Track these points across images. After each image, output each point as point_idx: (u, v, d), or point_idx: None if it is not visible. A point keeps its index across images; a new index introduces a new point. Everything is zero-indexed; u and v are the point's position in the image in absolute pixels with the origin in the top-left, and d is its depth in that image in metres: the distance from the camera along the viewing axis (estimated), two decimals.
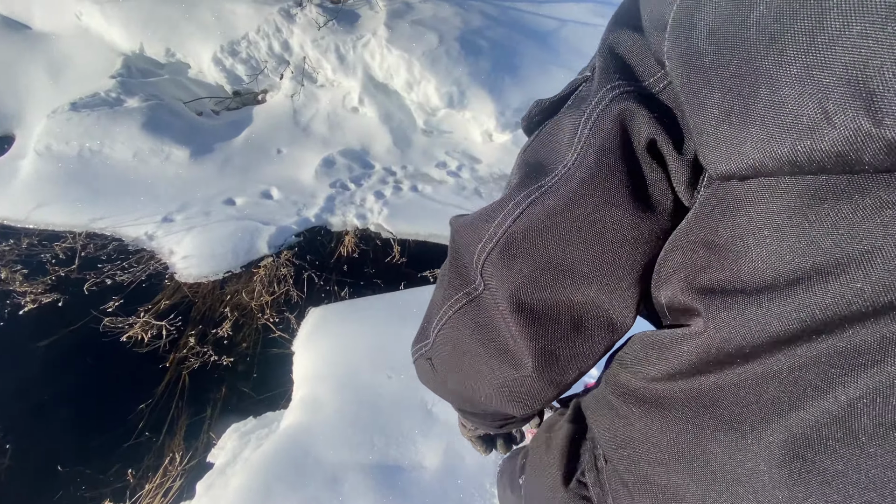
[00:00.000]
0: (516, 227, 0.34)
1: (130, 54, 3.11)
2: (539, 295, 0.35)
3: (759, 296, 0.25)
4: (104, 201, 2.54)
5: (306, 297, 2.26)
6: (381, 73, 3.13)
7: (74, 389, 1.91)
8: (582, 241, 0.32)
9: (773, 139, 0.21)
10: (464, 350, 0.42)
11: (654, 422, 0.35)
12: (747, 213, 0.25)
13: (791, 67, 0.20)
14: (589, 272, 0.33)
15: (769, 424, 0.26)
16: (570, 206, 0.31)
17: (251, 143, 3.00)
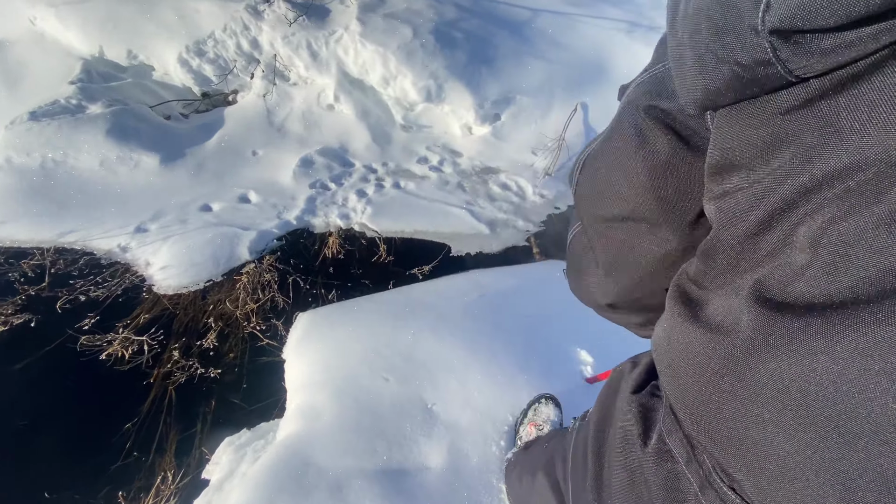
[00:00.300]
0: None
1: (90, 58, 2.96)
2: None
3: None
4: (72, 214, 2.42)
5: (293, 303, 2.20)
6: (356, 69, 3.07)
7: (55, 413, 1.82)
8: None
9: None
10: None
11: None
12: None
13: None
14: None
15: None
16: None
17: (224, 145, 2.90)
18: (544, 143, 3.09)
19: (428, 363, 1.65)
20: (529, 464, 1.05)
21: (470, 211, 2.68)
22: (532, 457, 1.07)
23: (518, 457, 1.20)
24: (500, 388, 1.56)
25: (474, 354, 1.67)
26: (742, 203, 0.34)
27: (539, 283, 2.27)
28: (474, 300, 2.01)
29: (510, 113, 3.18)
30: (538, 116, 3.21)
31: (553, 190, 2.88)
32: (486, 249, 2.55)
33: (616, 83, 3.50)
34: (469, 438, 1.41)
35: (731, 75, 0.30)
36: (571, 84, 3.34)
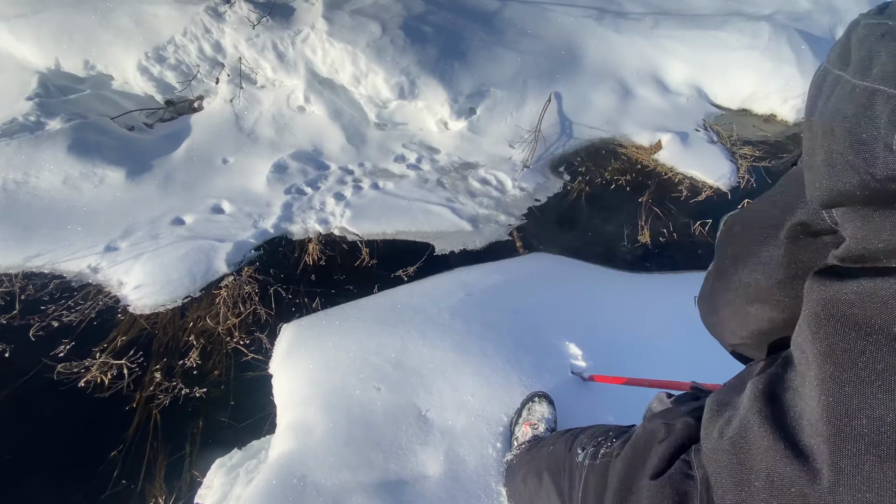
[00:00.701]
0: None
1: (46, 71, 2.82)
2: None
3: None
4: (38, 236, 2.31)
5: (276, 314, 2.16)
6: (325, 69, 2.99)
7: (36, 446, 1.75)
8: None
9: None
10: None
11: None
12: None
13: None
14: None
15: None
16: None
17: (193, 155, 2.81)
18: (521, 135, 3.08)
19: (419, 368, 1.64)
20: (535, 466, 1.05)
21: (451, 208, 2.66)
22: (536, 459, 1.07)
23: (520, 459, 1.20)
24: (493, 388, 1.55)
25: (465, 356, 1.67)
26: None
27: (524, 277, 2.27)
28: (461, 300, 2.00)
29: (485, 106, 3.15)
30: (513, 108, 3.19)
31: (532, 182, 2.88)
32: (469, 246, 2.54)
33: (588, 71, 3.51)
34: (465, 443, 1.41)
35: (859, 183, 0.31)
36: (543, 74, 3.33)
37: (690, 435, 0.57)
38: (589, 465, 0.76)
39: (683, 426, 0.59)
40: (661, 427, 0.62)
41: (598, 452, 0.76)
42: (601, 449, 0.76)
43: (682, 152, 3.10)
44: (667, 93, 3.53)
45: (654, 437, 0.61)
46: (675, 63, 3.63)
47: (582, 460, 0.80)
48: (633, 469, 0.61)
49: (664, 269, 2.51)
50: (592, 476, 0.73)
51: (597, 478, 0.71)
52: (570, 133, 3.19)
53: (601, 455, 0.74)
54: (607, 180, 2.97)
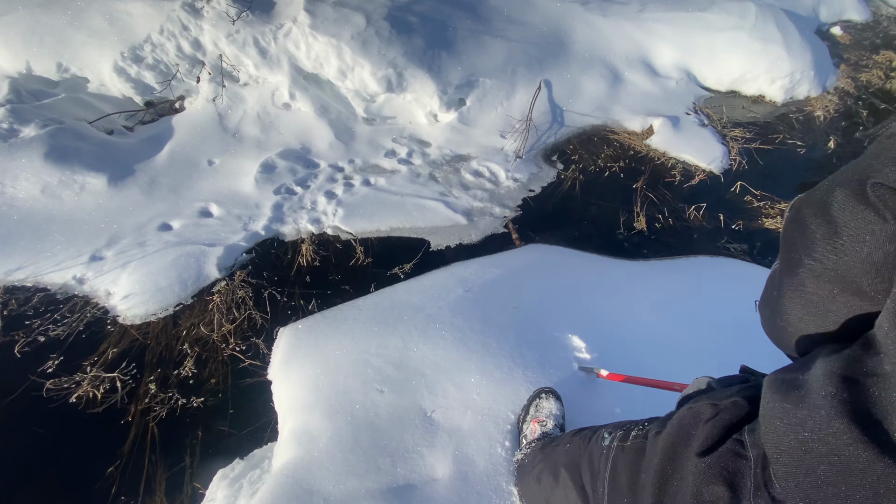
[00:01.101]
0: None
1: (17, 76, 2.70)
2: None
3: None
4: (17, 249, 2.23)
5: (271, 318, 2.11)
6: (310, 63, 2.91)
7: (28, 466, 1.69)
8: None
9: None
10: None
11: None
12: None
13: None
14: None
15: None
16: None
17: (176, 157, 2.73)
18: (512, 124, 3.03)
19: (421, 368, 1.61)
20: (550, 464, 1.03)
21: (445, 202, 2.62)
22: (551, 457, 1.05)
23: (532, 458, 1.18)
24: (498, 385, 1.53)
25: (468, 354, 1.64)
26: None
27: (522, 270, 2.24)
28: (460, 296, 1.97)
29: (474, 96, 3.10)
30: (503, 98, 3.14)
31: (525, 173, 2.84)
32: (465, 240, 2.50)
33: (576, 57, 3.47)
34: (473, 443, 1.38)
35: None
36: (532, 61, 3.28)
37: (740, 415, 0.55)
38: (618, 446, 0.73)
39: (732, 405, 0.56)
40: (707, 407, 0.59)
41: (629, 434, 0.73)
42: (632, 431, 0.74)
43: (674, 136, 3.09)
44: (656, 77, 3.50)
45: (700, 416, 0.59)
46: (663, 46, 3.60)
47: (609, 443, 0.77)
48: (677, 447, 0.58)
49: (661, 255, 2.50)
50: (623, 457, 0.70)
51: (629, 458, 0.69)
52: (562, 121, 3.15)
53: (633, 437, 0.72)
54: (601, 167, 2.95)
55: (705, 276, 2.39)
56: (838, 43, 4.58)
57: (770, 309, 0.60)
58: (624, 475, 0.67)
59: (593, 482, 0.79)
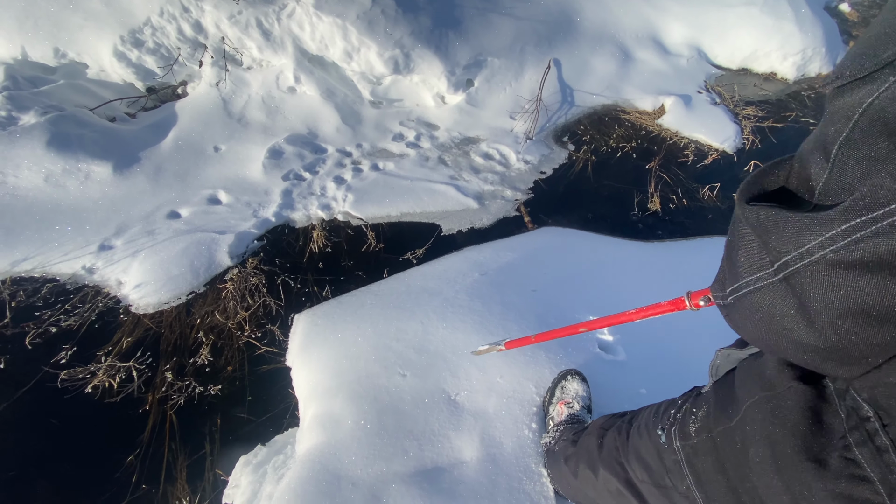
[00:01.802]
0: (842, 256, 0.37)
1: (12, 62, 2.63)
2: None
3: None
4: (23, 239, 2.19)
5: (286, 304, 2.09)
6: (315, 45, 2.84)
7: (46, 457, 1.68)
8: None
9: None
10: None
11: None
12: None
13: None
14: None
15: None
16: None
17: (182, 144, 2.67)
18: (521, 105, 2.98)
19: (442, 352, 1.59)
20: (586, 458, 1.01)
21: (455, 186, 2.58)
22: (585, 452, 1.02)
23: (565, 448, 1.16)
24: (522, 368, 1.51)
25: (489, 337, 1.62)
26: None
27: (537, 253, 2.21)
28: (477, 280, 1.94)
29: (483, 77, 3.03)
30: (512, 78, 3.08)
31: (536, 154, 2.80)
32: (476, 224, 2.47)
33: (586, 35, 3.40)
34: (499, 425, 1.37)
35: None
36: (541, 40, 3.20)
37: (814, 408, 0.49)
38: (682, 447, 0.70)
39: (798, 399, 0.51)
40: (764, 402, 0.55)
41: (689, 431, 0.70)
42: (688, 425, 0.70)
43: (686, 115, 3.03)
44: (667, 55, 3.43)
45: (770, 421, 0.53)
46: (674, 23, 3.53)
47: (667, 444, 0.73)
48: (771, 457, 0.52)
49: (676, 236, 2.48)
50: (702, 460, 0.66)
51: (709, 458, 0.64)
52: (572, 101, 3.09)
53: (694, 433, 0.68)
54: (613, 148, 2.90)
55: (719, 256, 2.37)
56: (847, 19, 4.50)
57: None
58: (718, 483, 0.62)
59: (657, 478, 0.76)
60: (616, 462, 0.89)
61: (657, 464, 0.75)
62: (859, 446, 0.43)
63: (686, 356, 1.63)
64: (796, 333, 0.44)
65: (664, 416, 0.79)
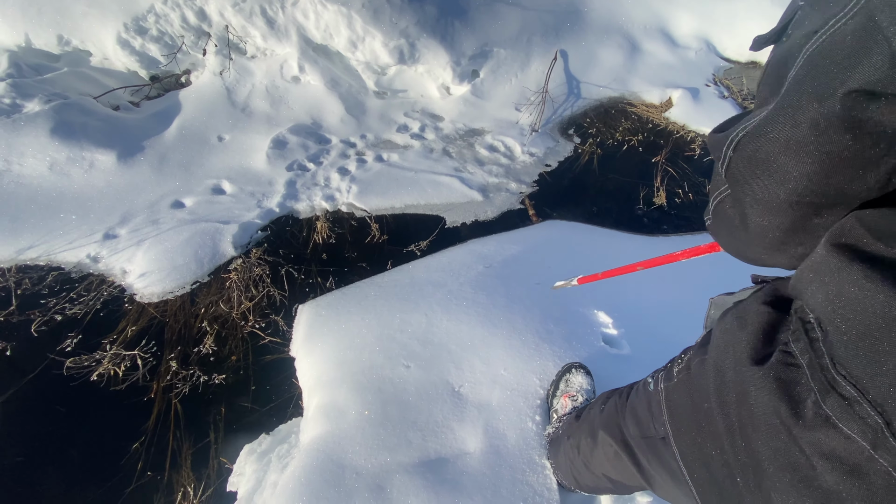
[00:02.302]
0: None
1: (16, 49, 2.62)
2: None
3: None
4: (28, 227, 2.19)
5: (289, 295, 2.09)
6: (319, 34, 2.81)
7: (52, 444, 1.70)
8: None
9: None
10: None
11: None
12: None
13: None
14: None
15: None
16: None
17: (185, 133, 2.66)
18: (527, 97, 2.95)
19: (447, 344, 1.59)
20: (587, 428, 1.02)
21: (459, 178, 2.57)
22: (587, 422, 1.04)
23: (568, 428, 1.16)
24: (525, 361, 1.51)
25: (493, 329, 1.62)
26: None
27: (541, 246, 2.21)
28: (481, 272, 1.94)
29: (488, 68, 3.01)
30: (518, 69, 3.05)
31: (542, 147, 2.78)
32: (481, 217, 2.46)
33: (593, 26, 3.36)
34: (503, 417, 1.37)
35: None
36: (548, 31, 3.17)
37: (770, 320, 0.54)
38: (665, 387, 0.73)
39: (757, 314, 0.56)
40: (732, 319, 0.59)
41: (672, 372, 0.73)
42: (673, 369, 0.73)
43: (694, 109, 3.00)
44: (675, 47, 3.39)
45: (732, 331, 0.58)
46: (683, 14, 3.48)
47: (654, 387, 0.76)
48: (724, 364, 0.57)
49: (682, 231, 2.46)
50: (676, 394, 0.70)
51: (682, 392, 0.68)
52: (578, 93, 3.06)
53: (676, 373, 0.71)
54: (619, 141, 2.88)
55: None
56: None
57: (722, 236, 0.66)
58: (684, 411, 0.66)
59: (644, 428, 0.79)
60: (614, 423, 0.91)
61: (646, 414, 0.78)
62: (795, 340, 0.49)
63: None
64: (739, 230, 0.58)
65: (660, 369, 0.80)
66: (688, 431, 0.64)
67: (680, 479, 0.68)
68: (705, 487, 0.62)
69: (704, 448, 0.61)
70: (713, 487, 0.61)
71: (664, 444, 0.72)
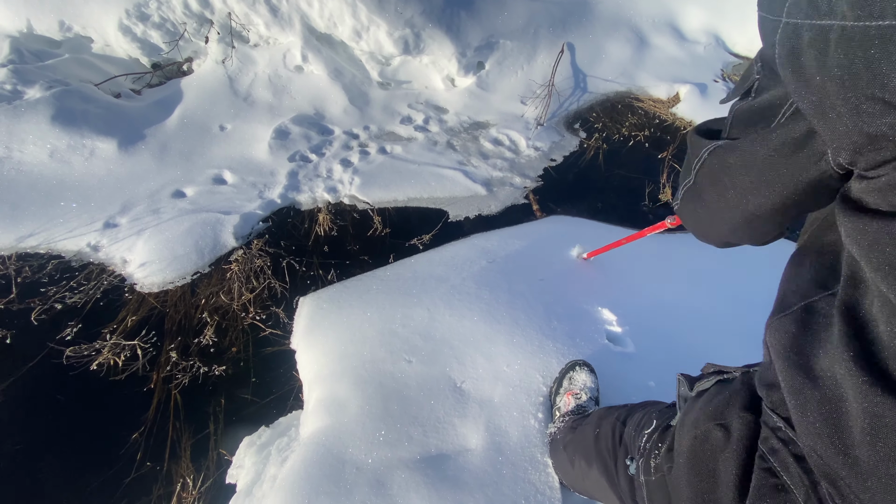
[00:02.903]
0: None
1: (18, 35, 2.58)
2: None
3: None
4: (28, 215, 2.18)
5: (290, 287, 2.07)
6: (323, 23, 2.77)
7: (51, 432, 1.69)
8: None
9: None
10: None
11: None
12: None
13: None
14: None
15: None
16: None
17: (187, 122, 2.64)
18: (533, 90, 2.91)
19: (449, 339, 1.58)
20: (581, 449, 1.02)
21: (463, 171, 2.54)
22: (583, 442, 1.03)
23: (564, 435, 1.15)
24: (528, 357, 1.50)
25: (496, 325, 1.60)
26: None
27: (545, 241, 2.18)
28: (484, 267, 1.92)
29: (494, 60, 2.97)
30: (524, 61, 3.01)
31: (547, 141, 2.75)
32: (484, 211, 2.43)
33: (601, 18, 3.31)
34: (505, 414, 1.36)
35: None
36: (556, 23, 3.12)
37: (754, 434, 0.52)
38: (645, 481, 0.73)
39: (741, 425, 0.53)
40: (715, 430, 0.56)
41: (650, 467, 0.72)
42: (651, 462, 0.73)
43: (701, 105, 2.96)
44: (683, 41, 3.34)
45: (712, 445, 0.55)
46: (692, 8, 3.43)
47: (636, 474, 0.78)
48: (705, 493, 0.54)
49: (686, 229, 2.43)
50: (656, 493, 0.70)
51: (662, 492, 0.68)
52: (585, 87, 3.02)
53: (654, 469, 0.71)
54: (625, 136, 2.84)
55: (731, 250, 2.33)
56: None
57: (690, 220, 0.70)
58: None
59: (631, 493, 0.81)
60: (608, 461, 0.92)
61: (628, 488, 0.81)
62: (771, 451, 0.48)
63: (695, 349, 1.61)
64: (705, 219, 0.63)
65: (637, 438, 0.80)
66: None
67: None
68: None
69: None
70: None
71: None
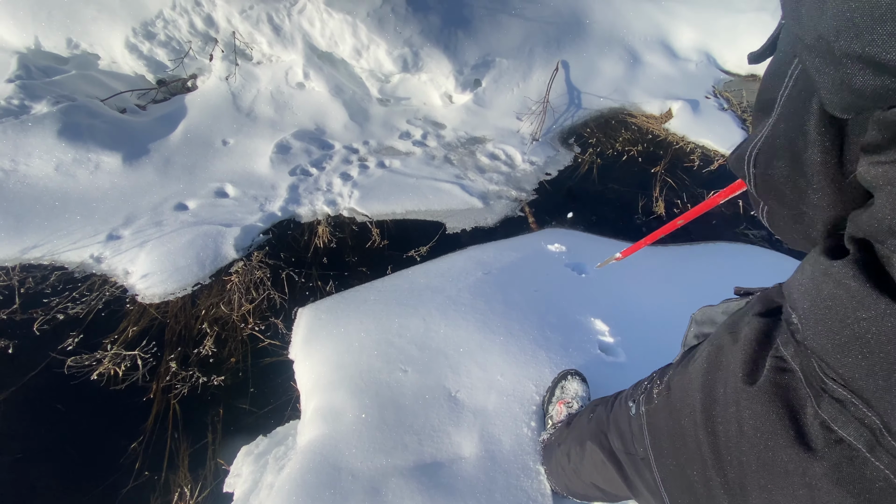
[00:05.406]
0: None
1: (26, 51, 2.66)
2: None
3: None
4: (33, 227, 2.22)
5: (290, 298, 2.11)
6: (324, 42, 2.86)
7: (51, 442, 1.71)
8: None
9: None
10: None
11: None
12: None
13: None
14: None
15: None
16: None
17: (190, 137, 2.70)
18: (528, 106, 2.99)
19: (444, 349, 1.61)
20: (576, 436, 1.03)
21: (460, 185, 2.60)
22: (576, 430, 1.05)
23: (559, 435, 1.18)
24: (522, 367, 1.53)
25: (490, 335, 1.63)
26: None
27: (540, 253, 2.22)
28: (480, 279, 1.96)
29: (491, 77, 3.05)
30: (519, 79, 3.09)
31: (542, 156, 2.81)
32: (481, 224, 2.48)
33: (595, 37, 3.40)
34: (499, 422, 1.38)
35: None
36: (550, 42, 3.21)
37: (765, 331, 0.53)
38: (646, 410, 0.72)
39: (752, 328, 0.54)
40: (726, 336, 0.57)
41: (652, 395, 0.71)
42: (653, 390, 0.72)
43: (693, 121, 3.04)
44: (675, 59, 3.43)
45: (723, 347, 0.56)
46: (684, 27, 3.52)
47: (636, 411, 0.76)
48: (715, 381, 0.55)
49: (679, 241, 2.48)
50: (657, 417, 0.68)
51: (663, 416, 0.67)
52: (579, 103, 3.10)
53: (656, 395, 0.70)
54: (619, 151, 2.91)
55: (723, 263, 2.37)
56: None
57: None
58: (666, 434, 0.65)
59: (627, 445, 0.79)
60: (601, 432, 0.92)
61: (628, 431, 0.78)
62: (785, 344, 0.49)
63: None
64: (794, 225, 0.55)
65: (638, 387, 0.81)
66: (669, 455, 0.64)
67: (659, 499, 0.68)
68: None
69: (685, 472, 0.60)
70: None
71: (645, 463, 0.72)
